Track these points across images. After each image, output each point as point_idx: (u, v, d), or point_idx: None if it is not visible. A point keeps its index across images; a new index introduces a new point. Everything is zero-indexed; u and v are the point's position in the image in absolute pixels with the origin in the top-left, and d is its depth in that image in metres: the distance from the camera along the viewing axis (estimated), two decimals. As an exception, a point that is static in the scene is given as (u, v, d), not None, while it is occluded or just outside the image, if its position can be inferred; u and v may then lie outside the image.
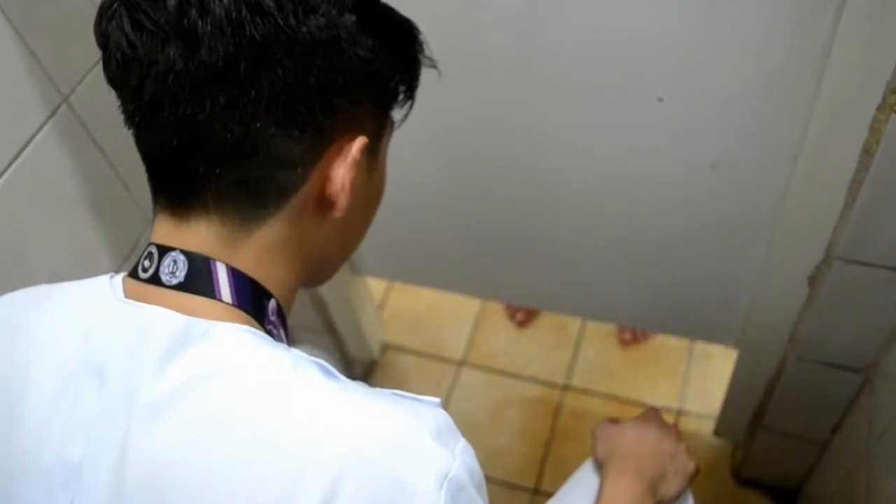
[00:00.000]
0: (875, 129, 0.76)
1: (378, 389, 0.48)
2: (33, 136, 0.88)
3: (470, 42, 0.93)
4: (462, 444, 0.46)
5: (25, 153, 0.87)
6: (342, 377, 0.48)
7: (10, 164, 0.84)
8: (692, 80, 0.87)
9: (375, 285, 1.69)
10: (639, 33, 0.85)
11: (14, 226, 0.86)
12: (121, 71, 0.48)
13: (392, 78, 0.53)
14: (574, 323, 1.65)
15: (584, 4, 0.84)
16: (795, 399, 1.12)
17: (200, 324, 0.47)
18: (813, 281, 0.97)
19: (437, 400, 0.48)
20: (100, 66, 0.45)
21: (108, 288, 0.52)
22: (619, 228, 1.10)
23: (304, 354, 0.48)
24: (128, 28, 0.46)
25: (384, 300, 1.73)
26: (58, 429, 0.48)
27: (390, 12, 0.54)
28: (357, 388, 0.47)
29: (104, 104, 0.98)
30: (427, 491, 0.43)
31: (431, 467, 0.44)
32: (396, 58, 0.53)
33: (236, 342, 0.48)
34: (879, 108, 0.74)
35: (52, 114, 0.90)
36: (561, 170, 1.05)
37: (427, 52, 0.57)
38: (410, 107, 0.57)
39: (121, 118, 0.52)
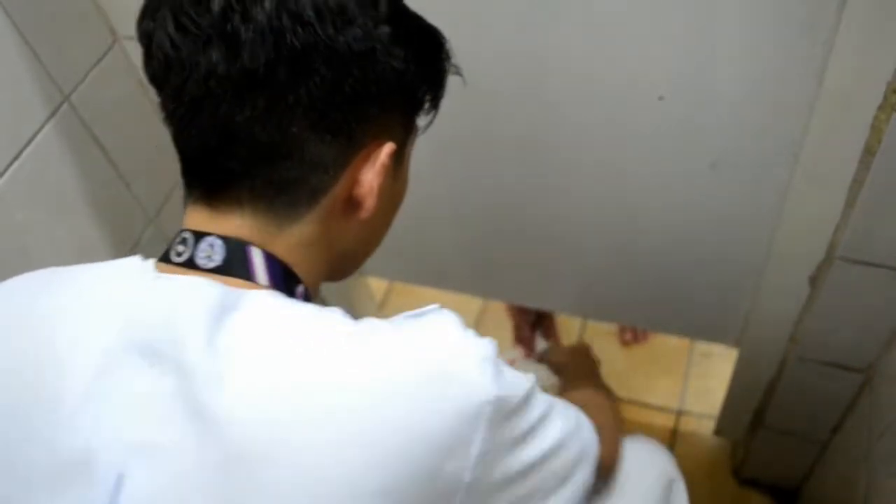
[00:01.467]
0: (876, 129, 0.76)
1: (391, 318, 0.51)
2: (35, 135, 0.88)
3: (469, 41, 0.92)
4: (473, 331, 0.50)
5: (27, 152, 0.87)
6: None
7: (11, 163, 0.85)
8: (692, 80, 0.87)
9: (376, 285, 1.69)
10: (639, 32, 0.85)
11: (15, 224, 0.86)
12: (163, 70, 0.50)
13: (420, 87, 0.56)
14: (574, 323, 1.65)
15: (584, 4, 0.84)
16: (796, 399, 1.12)
17: (234, 292, 0.49)
18: (814, 281, 0.97)
19: (437, 304, 0.52)
20: (101, 64, 0.46)
21: (141, 266, 0.52)
22: (619, 228, 1.10)
23: (325, 308, 0.51)
24: (171, 29, 0.48)
25: (384, 300, 1.73)
26: (95, 413, 0.48)
27: (420, 22, 0.56)
28: (382, 323, 0.50)
29: (105, 103, 0.99)
30: (475, 375, 0.47)
31: (471, 355, 0.48)
32: (426, 68, 0.55)
33: (272, 304, 0.49)
34: (880, 108, 0.74)
35: (54, 113, 0.90)
36: (560, 169, 1.05)
37: (453, 60, 0.59)
38: (435, 114, 0.59)
39: (121, 117, 0.53)
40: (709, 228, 1.04)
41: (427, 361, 0.47)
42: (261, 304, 0.49)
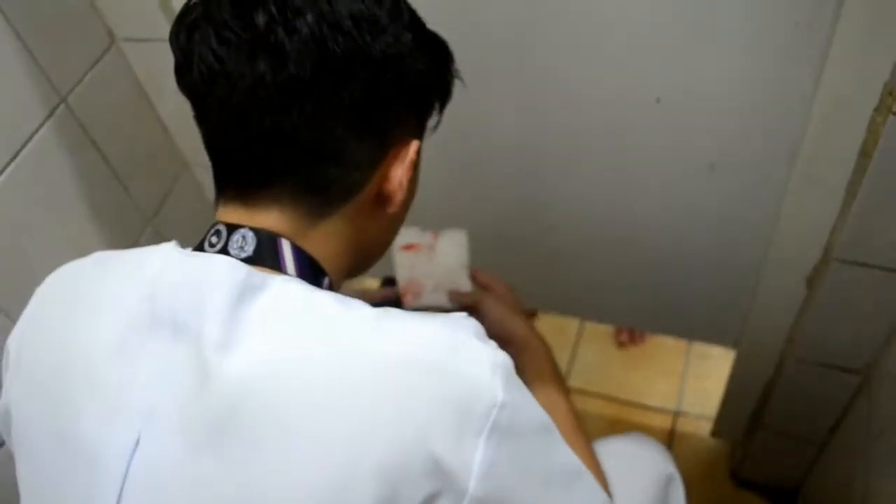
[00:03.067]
0: (873, 131, 0.76)
1: (412, 312, 0.52)
2: (32, 136, 0.88)
3: (468, 41, 0.92)
4: (494, 343, 0.51)
5: (24, 153, 0.87)
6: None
7: (8, 164, 0.85)
8: (690, 81, 0.87)
9: (375, 285, 1.69)
10: (637, 34, 0.85)
11: (12, 225, 0.86)
12: (205, 83, 0.52)
13: (434, 91, 0.61)
14: (572, 324, 1.65)
15: (582, 5, 0.84)
16: (793, 400, 1.13)
17: (258, 274, 0.51)
18: (811, 282, 0.97)
19: (465, 313, 0.53)
20: (98, 66, 0.46)
21: (174, 250, 0.54)
22: (618, 229, 1.10)
23: (347, 297, 0.53)
24: (214, 43, 0.50)
25: (382, 301, 1.73)
26: (115, 385, 0.50)
27: (433, 33, 0.60)
28: (401, 312, 0.52)
29: (103, 104, 0.99)
30: (485, 377, 0.48)
31: (484, 359, 0.49)
32: (439, 73, 0.60)
33: (296, 288, 0.51)
34: (877, 110, 0.74)
35: (51, 114, 0.90)
36: (560, 170, 1.05)
37: (455, 66, 0.63)
38: (440, 119, 0.64)
39: (119, 119, 0.53)
40: (707, 230, 1.04)
41: (438, 350, 0.49)
42: (285, 287, 0.51)
